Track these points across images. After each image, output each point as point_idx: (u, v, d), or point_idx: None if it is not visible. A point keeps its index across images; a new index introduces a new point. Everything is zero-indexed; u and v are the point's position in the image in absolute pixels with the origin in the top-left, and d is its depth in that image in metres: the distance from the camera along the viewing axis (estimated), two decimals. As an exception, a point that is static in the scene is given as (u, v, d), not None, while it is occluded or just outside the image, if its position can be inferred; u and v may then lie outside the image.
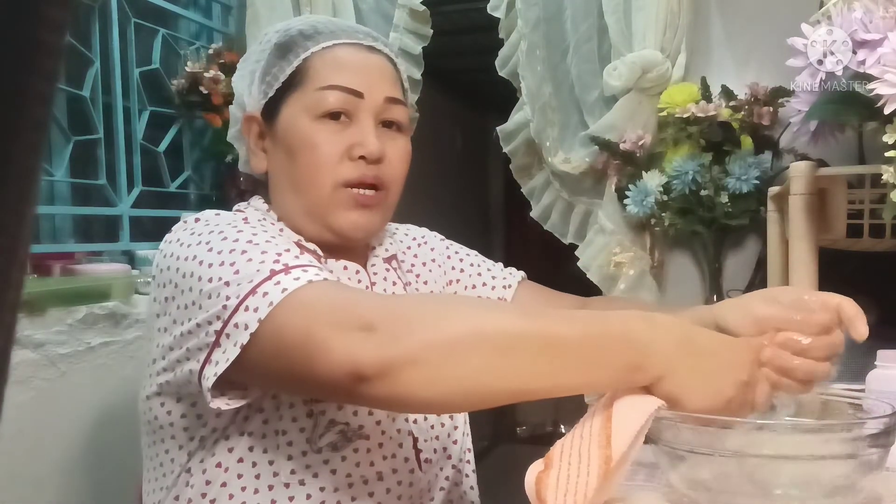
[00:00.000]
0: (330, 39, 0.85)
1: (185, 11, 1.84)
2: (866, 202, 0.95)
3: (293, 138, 0.83)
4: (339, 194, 0.83)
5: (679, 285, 1.68)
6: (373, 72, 0.85)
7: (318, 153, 0.82)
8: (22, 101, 0.22)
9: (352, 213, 0.84)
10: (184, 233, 0.76)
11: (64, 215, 1.54)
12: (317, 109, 0.83)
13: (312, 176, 0.83)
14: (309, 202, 0.84)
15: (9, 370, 0.25)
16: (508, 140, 1.76)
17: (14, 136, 0.22)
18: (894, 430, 0.60)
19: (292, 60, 0.84)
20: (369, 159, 0.83)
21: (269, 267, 0.67)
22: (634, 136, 1.57)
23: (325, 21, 0.88)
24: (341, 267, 0.87)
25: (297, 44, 0.85)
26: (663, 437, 0.64)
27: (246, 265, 0.68)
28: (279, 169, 0.86)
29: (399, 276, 0.94)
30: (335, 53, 0.84)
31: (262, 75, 0.86)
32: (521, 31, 1.68)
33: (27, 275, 0.70)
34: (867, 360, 0.86)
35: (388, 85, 0.86)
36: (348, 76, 0.83)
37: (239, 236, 0.72)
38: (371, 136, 0.83)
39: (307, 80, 0.84)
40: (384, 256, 0.93)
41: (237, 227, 0.74)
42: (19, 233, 0.23)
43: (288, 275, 0.66)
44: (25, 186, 0.23)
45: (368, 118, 0.84)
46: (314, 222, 0.85)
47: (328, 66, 0.84)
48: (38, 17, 0.22)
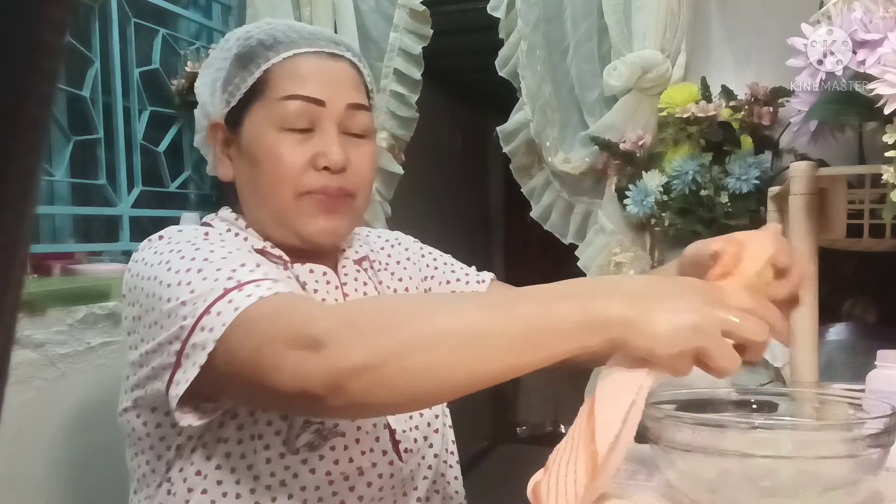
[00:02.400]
0: (290, 49, 0.85)
1: (185, 11, 1.84)
2: (866, 202, 0.94)
3: (256, 149, 0.84)
4: (303, 202, 0.84)
5: (679, 285, 1.68)
6: (334, 79, 0.86)
7: (281, 164, 0.82)
8: (22, 101, 0.22)
9: (318, 219, 0.84)
10: (148, 252, 0.78)
11: (64, 215, 1.54)
12: (279, 120, 0.83)
13: (275, 186, 0.83)
14: (273, 210, 0.84)
15: (9, 370, 0.25)
16: (508, 140, 1.76)
17: (14, 136, 0.22)
18: (894, 430, 0.60)
19: (253, 71, 0.84)
20: (333, 169, 0.83)
21: (223, 285, 0.68)
22: (634, 136, 1.57)
23: (285, 28, 0.88)
24: (307, 270, 0.87)
25: (258, 54, 0.85)
26: (663, 437, 0.64)
27: (201, 284, 0.69)
28: (244, 177, 0.87)
29: (370, 277, 0.94)
30: (295, 63, 0.85)
31: (224, 85, 0.86)
32: (521, 31, 1.68)
33: (27, 275, 0.71)
34: (867, 360, 0.86)
35: (351, 91, 0.87)
36: (309, 85, 0.84)
37: (196, 254, 0.73)
38: (334, 146, 0.83)
39: (268, 90, 0.84)
40: (354, 258, 0.94)
41: (195, 244, 0.75)
42: (19, 233, 0.23)
43: (241, 291, 0.67)
44: (25, 186, 0.23)
45: (331, 127, 0.84)
46: (281, 228, 0.85)
47: (288, 76, 0.84)
48: (38, 17, 0.22)
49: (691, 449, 0.61)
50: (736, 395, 0.78)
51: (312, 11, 1.85)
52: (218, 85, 0.87)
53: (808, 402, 0.75)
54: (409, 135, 1.93)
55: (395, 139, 1.92)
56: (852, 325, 1.22)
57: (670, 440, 0.63)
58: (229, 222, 0.89)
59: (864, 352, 1.00)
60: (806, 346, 0.98)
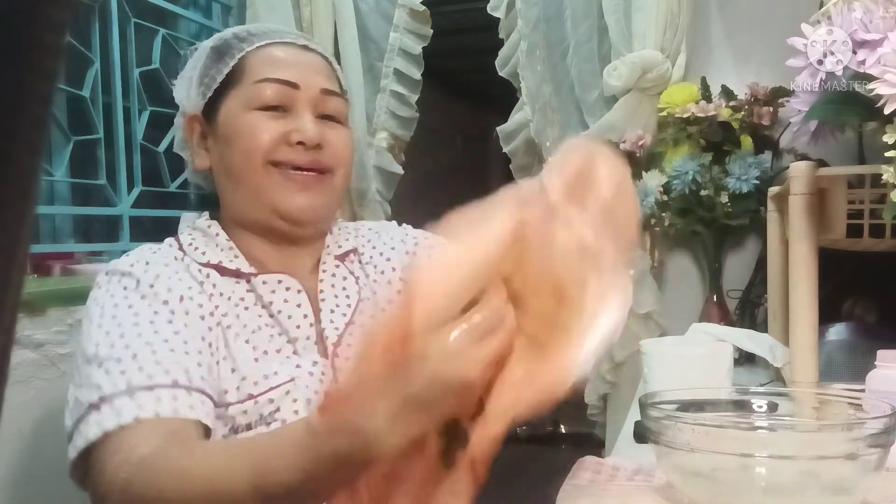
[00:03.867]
0: (263, 40, 0.87)
1: (185, 11, 1.84)
2: (866, 202, 0.94)
3: (231, 129, 0.85)
4: (272, 173, 0.83)
5: (679, 285, 1.68)
6: (308, 66, 0.88)
7: (255, 137, 0.83)
8: (22, 101, 0.22)
9: (296, 195, 0.84)
10: (96, 291, 0.80)
11: (64, 215, 1.54)
12: (254, 101, 0.84)
13: (247, 159, 0.83)
14: (248, 187, 0.84)
15: (9, 370, 0.25)
16: (508, 140, 1.76)
17: (14, 136, 0.22)
18: (894, 430, 0.60)
19: (228, 62, 0.86)
20: (308, 145, 0.84)
21: (88, 399, 0.71)
22: (634, 136, 1.57)
23: (258, 25, 0.90)
24: (275, 281, 0.86)
25: (233, 46, 0.87)
26: (663, 437, 0.64)
27: (85, 380, 0.73)
28: (219, 161, 0.87)
29: (351, 271, 0.93)
30: (269, 51, 0.87)
31: (200, 78, 0.88)
32: (521, 31, 1.68)
33: (27, 275, 0.71)
34: (867, 360, 0.86)
35: (324, 78, 0.88)
36: (283, 70, 0.85)
37: (97, 338, 0.74)
38: (309, 124, 0.85)
39: (243, 76, 0.85)
40: (337, 253, 0.93)
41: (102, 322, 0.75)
42: (19, 233, 0.23)
43: (99, 412, 0.69)
44: (25, 186, 0.23)
45: (306, 109, 0.85)
46: (261, 209, 0.85)
47: (263, 62, 0.86)
48: (38, 17, 0.22)
49: (691, 449, 0.61)
50: (736, 395, 0.78)
51: (312, 11, 1.85)
52: (194, 80, 0.88)
53: (808, 402, 0.75)
54: (409, 135, 1.93)
55: (395, 139, 1.92)
56: (852, 325, 1.22)
57: (670, 440, 0.63)
58: (202, 231, 0.88)
59: (864, 352, 1.00)
60: (806, 346, 0.98)
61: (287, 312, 0.85)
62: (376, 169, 1.90)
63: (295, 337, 0.84)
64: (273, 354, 0.82)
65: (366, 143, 1.88)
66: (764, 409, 0.74)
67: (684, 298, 1.65)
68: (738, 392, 0.78)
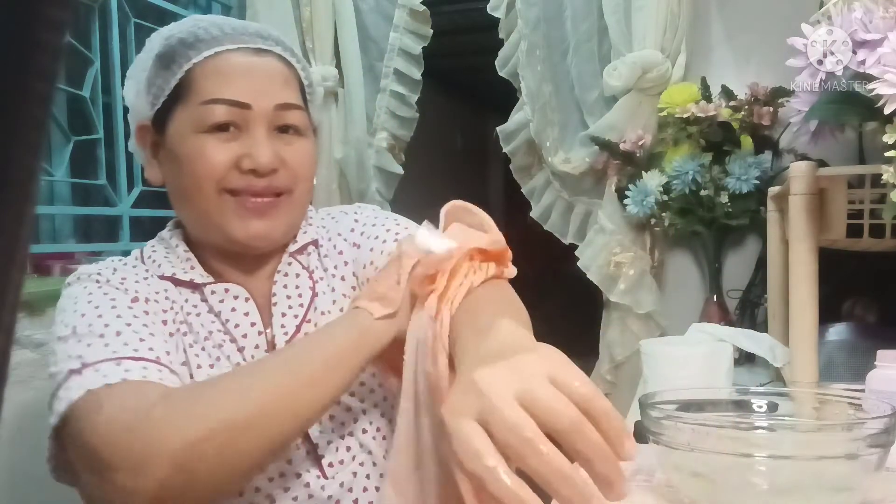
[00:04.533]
0: (212, 47, 0.80)
1: (185, 11, 1.83)
2: (866, 202, 0.94)
3: (180, 151, 0.80)
4: (226, 201, 0.79)
5: (679, 285, 1.68)
6: (261, 78, 0.80)
7: (204, 163, 0.78)
8: (22, 101, 0.22)
9: (249, 222, 0.80)
10: (66, 290, 0.80)
11: (64, 215, 1.54)
12: (203, 124, 0.78)
13: (197, 185, 0.79)
14: (199, 212, 0.81)
15: (9, 370, 0.25)
16: (508, 140, 1.76)
17: (14, 136, 0.22)
18: (894, 430, 0.60)
19: (176, 72, 0.80)
20: (260, 172, 0.79)
21: (68, 366, 0.69)
22: (634, 136, 1.57)
23: (208, 24, 0.82)
24: (222, 290, 0.83)
25: (179, 54, 0.80)
26: (663, 437, 0.64)
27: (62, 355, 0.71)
28: (171, 181, 0.83)
29: (307, 265, 0.88)
30: (217, 63, 0.80)
31: (148, 86, 0.82)
32: (521, 31, 1.68)
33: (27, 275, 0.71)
34: (867, 360, 0.86)
35: (279, 90, 0.81)
36: (233, 87, 0.79)
37: (73, 321, 0.74)
38: (261, 147, 0.79)
39: (191, 93, 0.79)
40: (291, 250, 0.87)
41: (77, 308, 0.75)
42: (19, 233, 0.23)
43: (81, 376, 0.68)
44: (25, 186, 0.23)
45: (259, 128, 0.79)
46: (214, 233, 0.81)
47: (211, 77, 0.79)
48: (38, 17, 0.22)
49: (691, 449, 0.61)
50: (736, 395, 0.78)
51: (312, 11, 1.85)
52: (142, 86, 0.83)
53: (808, 402, 0.75)
54: (409, 135, 1.93)
55: (395, 139, 1.92)
56: (852, 325, 1.22)
57: (670, 440, 0.63)
58: (165, 242, 0.87)
59: (864, 352, 1.00)
60: (806, 346, 0.98)
61: (234, 321, 0.82)
62: (376, 169, 1.90)
63: (242, 346, 0.82)
64: (224, 361, 0.80)
65: (366, 143, 1.88)
66: (764, 409, 0.74)
67: (684, 298, 1.65)
68: (738, 392, 0.78)
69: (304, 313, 0.85)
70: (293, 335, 0.83)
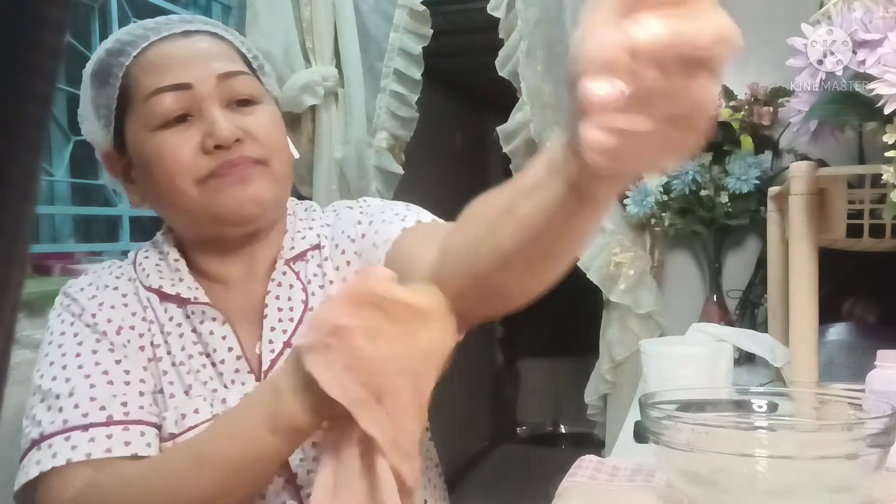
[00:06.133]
0: (138, 45, 0.78)
1: (185, 11, 1.83)
2: (866, 202, 0.94)
3: (142, 157, 0.78)
4: (207, 187, 0.76)
5: (679, 285, 1.68)
6: (194, 57, 0.78)
7: (168, 159, 0.75)
8: (22, 101, 0.22)
9: (232, 190, 0.76)
10: (52, 312, 0.81)
11: (64, 215, 1.54)
12: (152, 120, 0.76)
13: (171, 184, 0.76)
14: (183, 209, 0.78)
15: (9, 370, 0.25)
16: (508, 140, 1.76)
17: (14, 136, 0.22)
18: (894, 430, 0.60)
19: (114, 84, 0.78)
20: (226, 145, 0.75)
21: (31, 435, 0.72)
22: (634, 136, 1.56)
23: (131, 28, 0.81)
24: (201, 311, 0.80)
25: (111, 64, 0.79)
26: (663, 437, 0.64)
27: (29, 411, 0.75)
28: (146, 193, 0.81)
29: (304, 276, 0.84)
30: (148, 57, 0.78)
31: (95, 109, 0.81)
32: (521, 31, 1.68)
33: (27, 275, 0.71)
34: (867, 360, 0.86)
35: (218, 62, 0.78)
36: (169, 73, 0.76)
37: (43, 368, 0.77)
38: (219, 121, 0.75)
39: (134, 95, 0.77)
40: (288, 256, 0.84)
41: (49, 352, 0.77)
42: (19, 233, 0.23)
43: (39, 450, 0.71)
44: (25, 186, 0.23)
45: (211, 104, 0.76)
46: (201, 223, 0.79)
47: (144, 72, 0.77)
48: (38, 17, 0.22)
49: (691, 449, 0.61)
50: (736, 395, 0.78)
51: (312, 11, 1.85)
52: (90, 113, 0.82)
53: (808, 402, 0.75)
54: (409, 135, 1.93)
55: (395, 139, 1.92)
56: (852, 325, 1.22)
57: (670, 440, 0.63)
58: (157, 249, 0.85)
59: (864, 352, 1.00)
60: (806, 346, 0.98)
61: (213, 345, 0.80)
62: (376, 169, 1.90)
63: (221, 371, 0.79)
64: (198, 388, 0.78)
65: (366, 143, 1.88)
66: (764, 409, 0.74)
67: (684, 298, 1.65)
68: (738, 392, 0.78)
69: (294, 327, 0.81)
70: (280, 351, 0.80)
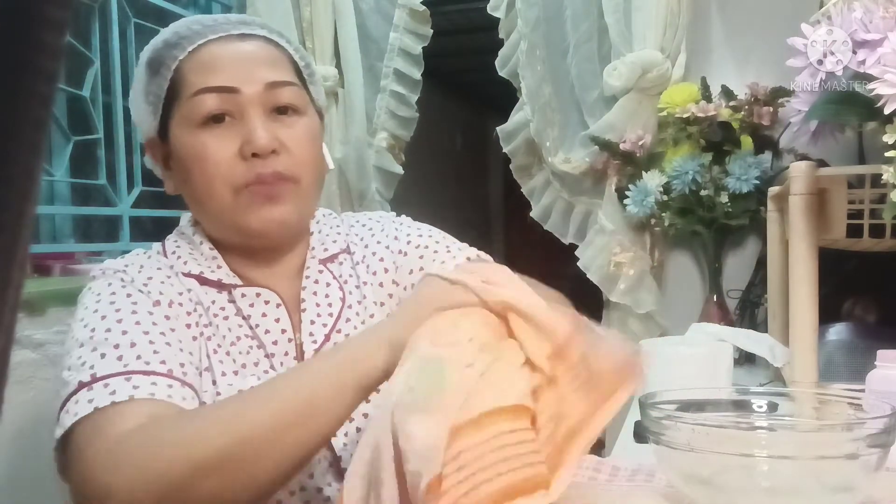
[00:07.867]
0: (195, 41, 0.80)
1: (185, 11, 1.83)
2: (866, 202, 0.94)
3: (183, 152, 0.80)
4: (242, 198, 0.79)
5: (679, 285, 1.68)
6: (245, 61, 0.80)
7: (209, 161, 0.78)
8: (22, 101, 0.22)
9: (260, 210, 0.79)
10: (92, 283, 0.80)
11: (64, 215, 1.54)
12: (195, 117, 0.78)
13: (209, 186, 0.79)
14: (215, 212, 0.81)
15: (8, 370, 0.25)
16: (508, 140, 1.76)
17: (14, 136, 0.22)
18: (894, 430, 0.60)
19: (165, 75, 0.80)
20: (262, 154, 0.78)
21: (78, 378, 0.68)
22: (634, 136, 1.57)
23: (190, 22, 0.83)
24: (253, 295, 0.82)
25: (166, 56, 0.81)
26: (663, 437, 0.64)
27: (75, 361, 0.70)
28: (183, 186, 0.83)
29: (339, 275, 0.87)
30: (202, 55, 0.80)
31: (145, 96, 0.83)
32: (521, 31, 1.68)
33: (27, 275, 0.71)
34: (867, 360, 0.86)
35: (267, 70, 0.80)
36: (219, 75, 0.79)
37: (92, 323, 0.73)
38: (258, 130, 0.78)
39: (182, 90, 0.80)
40: (322, 257, 0.87)
41: (99, 308, 0.74)
42: (19, 233, 0.23)
43: (91, 390, 0.67)
44: (25, 186, 0.23)
45: (253, 111, 0.79)
46: (228, 230, 0.82)
47: (196, 70, 0.79)
48: (38, 17, 0.22)
49: (691, 449, 0.61)
50: (736, 395, 0.78)
51: (312, 11, 1.85)
52: (141, 98, 0.84)
53: (808, 402, 0.75)
54: (409, 135, 1.93)
55: (395, 139, 1.92)
56: (852, 325, 1.22)
57: (670, 440, 0.63)
58: (188, 237, 0.86)
59: (864, 352, 1.00)
60: (806, 346, 0.98)
61: (265, 326, 0.82)
62: (376, 169, 1.91)
63: (272, 352, 0.81)
64: (251, 368, 0.79)
65: (366, 143, 1.88)
66: (764, 409, 0.74)
67: (684, 298, 1.65)
68: (738, 392, 0.78)
69: (334, 322, 0.84)
70: (322, 344, 0.82)
